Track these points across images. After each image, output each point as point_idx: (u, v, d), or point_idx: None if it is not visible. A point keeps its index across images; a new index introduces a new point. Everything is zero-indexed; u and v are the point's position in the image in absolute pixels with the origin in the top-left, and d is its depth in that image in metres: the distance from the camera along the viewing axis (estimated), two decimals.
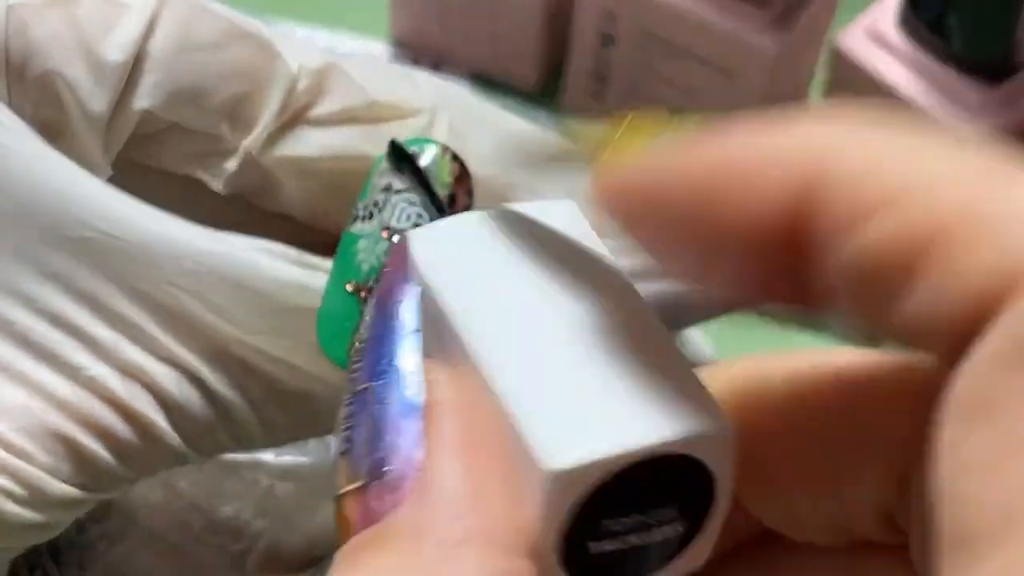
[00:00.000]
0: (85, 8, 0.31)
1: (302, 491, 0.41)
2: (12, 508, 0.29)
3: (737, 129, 0.17)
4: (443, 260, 0.21)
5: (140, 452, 0.31)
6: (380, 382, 0.21)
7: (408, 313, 0.21)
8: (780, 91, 0.53)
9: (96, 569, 0.39)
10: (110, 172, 0.32)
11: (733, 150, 0.17)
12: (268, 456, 0.42)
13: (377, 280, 0.26)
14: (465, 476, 0.19)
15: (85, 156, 0.31)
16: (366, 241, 0.30)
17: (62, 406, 0.29)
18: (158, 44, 0.31)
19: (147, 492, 0.40)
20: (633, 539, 0.20)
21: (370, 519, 0.20)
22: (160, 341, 0.30)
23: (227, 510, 0.40)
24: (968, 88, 0.49)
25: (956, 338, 0.15)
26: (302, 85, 0.32)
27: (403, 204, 0.30)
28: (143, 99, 0.31)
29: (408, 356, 0.21)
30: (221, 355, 0.31)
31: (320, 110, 0.32)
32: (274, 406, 0.32)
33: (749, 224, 0.17)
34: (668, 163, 0.18)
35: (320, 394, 0.32)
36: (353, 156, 0.32)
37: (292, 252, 0.31)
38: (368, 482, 0.20)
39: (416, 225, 0.29)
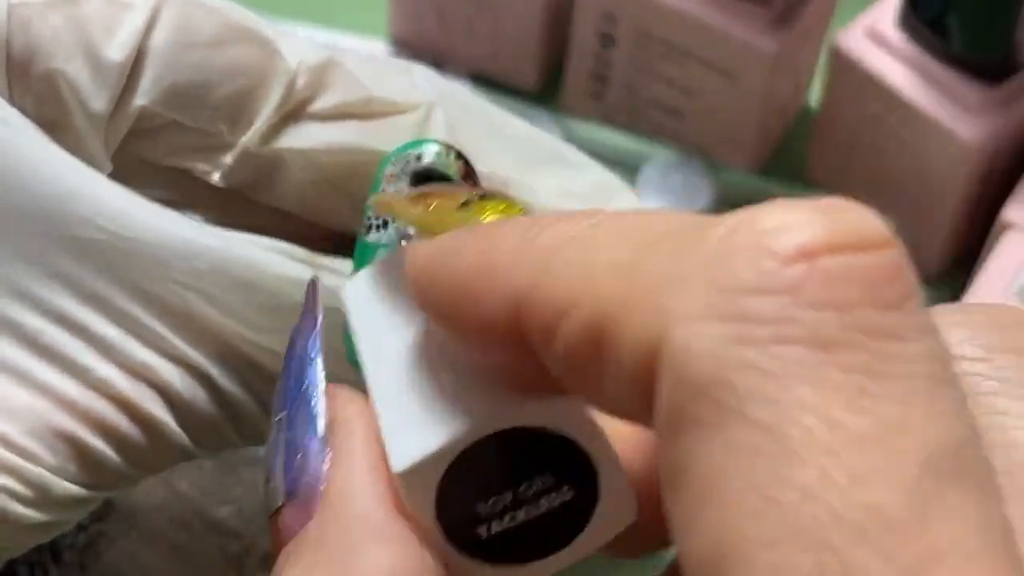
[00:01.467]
0: (87, 7, 0.31)
1: None
2: (18, 509, 0.29)
3: (487, 237, 0.20)
4: (362, 300, 0.24)
5: (147, 451, 0.31)
6: (290, 409, 0.23)
7: (312, 346, 0.24)
8: (779, 92, 0.53)
9: (96, 569, 0.39)
10: (110, 168, 0.32)
11: (477, 257, 0.20)
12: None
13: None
14: (363, 483, 0.21)
15: (86, 153, 0.31)
16: (385, 250, 0.30)
17: (69, 407, 0.30)
18: (158, 41, 0.31)
19: (147, 492, 0.40)
20: (521, 514, 0.21)
21: (291, 535, 0.22)
22: (167, 340, 0.30)
23: (227, 510, 0.40)
24: (968, 88, 0.49)
25: (642, 401, 0.17)
26: (301, 81, 0.32)
27: None
28: (143, 96, 0.31)
29: (314, 383, 0.23)
30: (228, 353, 0.31)
31: (318, 105, 0.32)
32: None
33: (484, 321, 0.19)
34: (441, 259, 0.21)
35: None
36: (351, 150, 0.32)
37: (299, 251, 0.31)
38: (285, 502, 0.22)
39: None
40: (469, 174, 0.31)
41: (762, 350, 0.16)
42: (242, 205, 0.33)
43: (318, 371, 0.23)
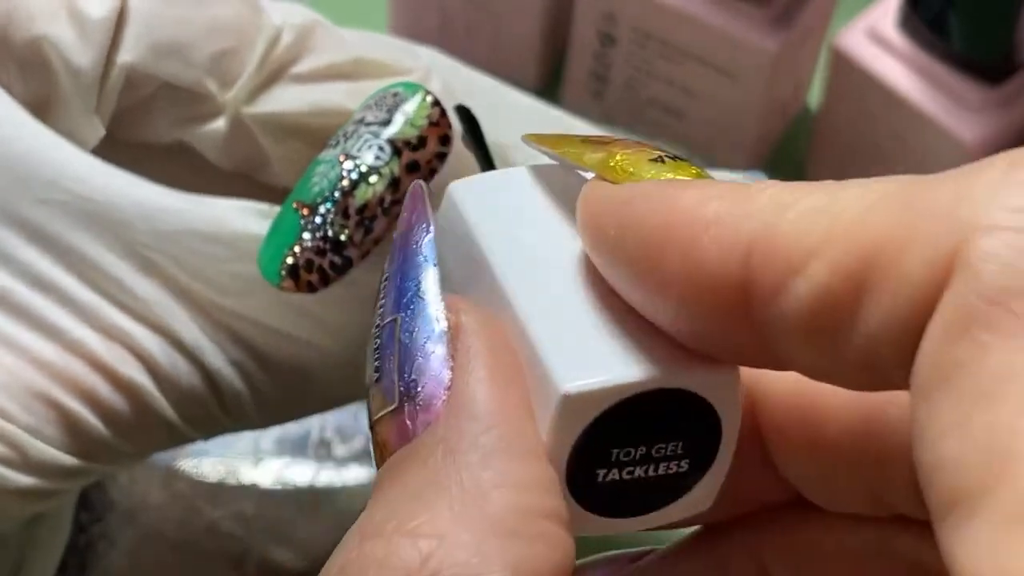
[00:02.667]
0: None
1: (301, 496, 0.41)
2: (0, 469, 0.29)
3: (699, 189, 0.19)
4: (480, 205, 0.23)
5: (132, 421, 0.31)
6: (406, 313, 0.22)
7: (428, 250, 0.23)
8: (780, 91, 0.53)
9: (96, 569, 0.39)
10: (103, 132, 0.32)
11: (694, 209, 0.19)
12: (266, 460, 0.42)
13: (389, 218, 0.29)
14: (492, 394, 0.21)
15: (75, 118, 0.32)
16: (324, 166, 0.30)
17: (43, 367, 0.30)
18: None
19: (147, 492, 0.40)
20: (639, 471, 0.21)
21: (405, 439, 0.21)
22: (142, 304, 0.30)
23: (227, 511, 0.40)
24: (968, 88, 0.49)
25: (912, 334, 0.17)
26: (285, 40, 0.32)
27: (368, 136, 0.30)
28: (127, 53, 0.31)
29: (431, 288, 0.22)
30: (204, 320, 0.31)
31: (304, 66, 0.32)
32: (262, 374, 0.32)
33: (698, 276, 0.19)
34: (644, 203, 0.20)
35: (308, 364, 0.32)
36: (339, 112, 0.32)
37: (263, 206, 0.31)
38: (400, 404, 0.21)
39: (377, 157, 0.30)
40: (439, 123, 0.30)
41: None
42: (244, 188, 0.33)
43: (434, 275, 0.22)
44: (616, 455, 0.21)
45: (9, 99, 0.31)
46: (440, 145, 0.30)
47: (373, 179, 0.30)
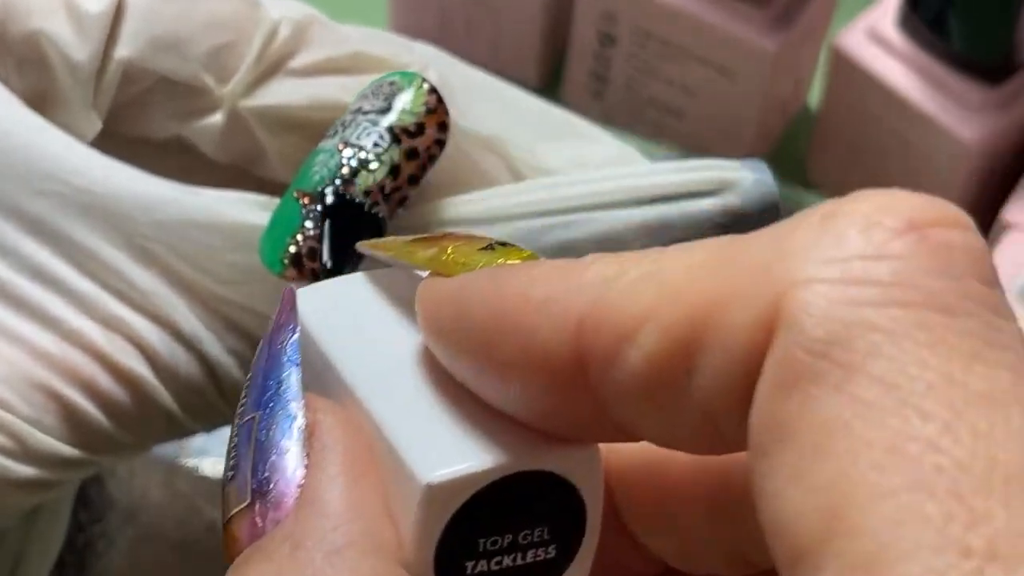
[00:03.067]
0: None
1: None
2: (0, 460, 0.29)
3: (527, 272, 0.20)
4: (324, 313, 0.23)
5: (132, 411, 0.31)
6: (265, 411, 0.22)
7: (292, 352, 0.23)
8: (780, 91, 0.53)
9: (95, 568, 0.39)
10: (100, 126, 0.32)
11: (524, 290, 0.19)
12: None
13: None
14: (344, 491, 0.21)
15: (73, 112, 0.32)
16: (324, 155, 0.30)
17: (43, 357, 0.30)
18: None
19: (147, 491, 0.40)
20: (507, 560, 0.21)
21: (255, 536, 0.21)
22: (141, 295, 0.30)
23: None
24: (968, 88, 0.49)
25: (745, 392, 0.17)
26: (283, 34, 0.32)
27: (366, 124, 0.30)
28: (124, 48, 0.31)
29: (292, 388, 0.22)
30: (203, 310, 0.31)
31: (301, 60, 0.32)
32: None
33: (533, 355, 0.19)
34: (474, 295, 0.20)
35: None
36: (336, 105, 0.32)
37: (262, 198, 0.31)
38: (252, 501, 0.21)
39: (376, 144, 0.30)
40: (436, 110, 0.30)
41: (883, 312, 0.16)
42: (240, 182, 0.33)
43: (295, 374, 0.23)
44: (483, 545, 0.20)
45: (7, 92, 0.31)
46: (438, 132, 0.30)
47: (373, 166, 0.30)
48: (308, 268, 0.29)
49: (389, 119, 0.30)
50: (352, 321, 0.23)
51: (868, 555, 0.15)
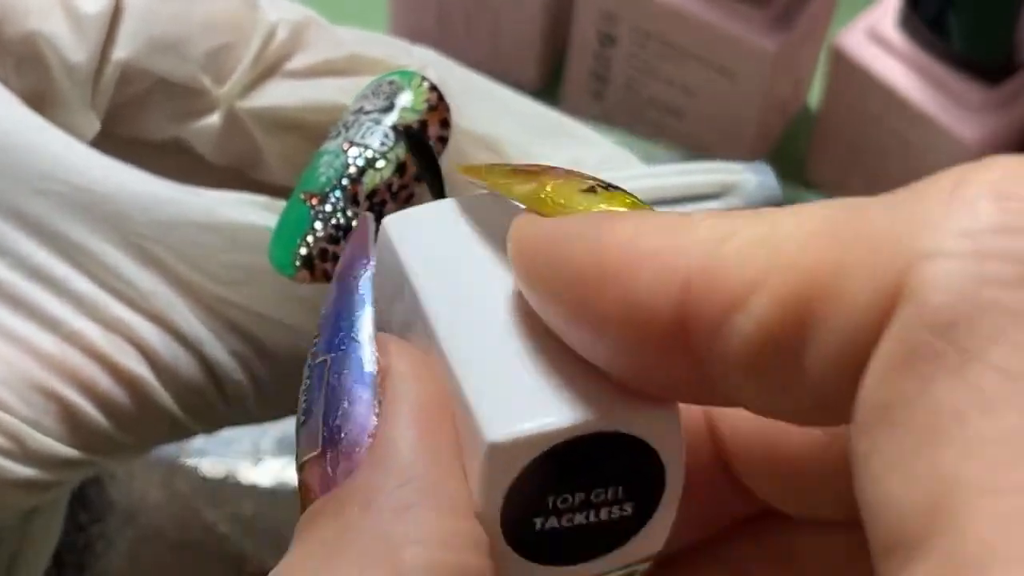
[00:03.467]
0: None
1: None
2: None
3: (633, 221, 0.19)
4: (412, 243, 0.22)
5: (132, 412, 0.30)
6: (336, 354, 0.21)
7: (364, 289, 0.22)
8: (780, 91, 0.53)
9: (95, 569, 0.39)
10: (98, 127, 0.32)
11: (629, 243, 0.18)
12: (266, 460, 0.42)
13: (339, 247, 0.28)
14: (416, 443, 0.20)
15: (71, 113, 0.32)
16: (329, 156, 0.30)
17: (42, 358, 0.30)
18: None
19: (146, 493, 0.40)
20: (579, 518, 0.20)
21: (328, 485, 0.20)
22: (142, 295, 0.30)
23: (226, 512, 0.40)
24: (968, 88, 0.49)
25: (860, 368, 0.16)
26: (280, 36, 0.32)
27: (369, 123, 0.30)
28: (122, 49, 0.31)
29: (364, 329, 0.21)
30: (203, 310, 0.31)
31: (298, 62, 0.32)
32: (262, 364, 0.32)
33: (635, 313, 0.18)
34: (575, 240, 0.19)
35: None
36: (334, 107, 0.32)
37: (260, 198, 0.31)
38: (325, 450, 0.21)
39: (382, 143, 0.30)
40: (438, 107, 0.30)
41: (1014, 292, 0.15)
42: (237, 184, 0.33)
43: (369, 315, 0.22)
44: (553, 502, 0.20)
45: (7, 92, 0.31)
46: (441, 128, 0.30)
47: (380, 164, 0.30)
48: (320, 269, 0.29)
49: (392, 118, 0.30)
50: (442, 251, 0.22)
51: (970, 556, 0.14)
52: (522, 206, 0.21)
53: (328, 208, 0.29)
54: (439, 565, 0.19)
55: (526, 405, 0.19)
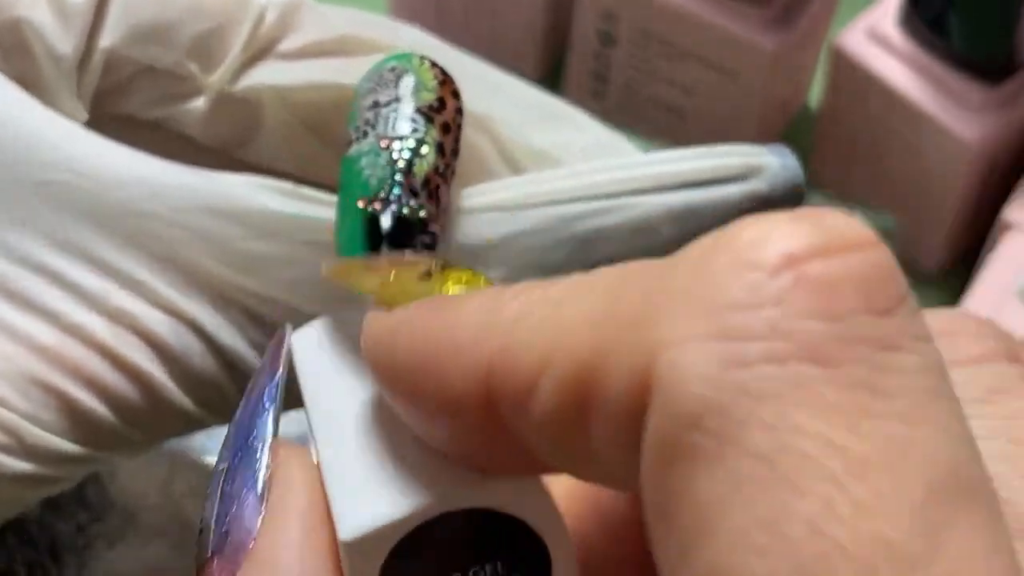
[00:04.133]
0: None
1: None
2: None
3: (454, 309, 0.19)
4: (309, 355, 0.23)
5: (142, 407, 0.30)
6: (235, 460, 0.22)
7: (268, 397, 0.23)
8: (780, 91, 0.53)
9: (96, 569, 0.39)
10: (86, 116, 0.32)
11: (445, 331, 0.19)
12: None
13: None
14: (295, 544, 0.20)
15: (57, 101, 0.31)
16: (368, 157, 0.29)
17: (42, 352, 0.29)
18: None
19: (147, 492, 0.40)
20: None
21: None
22: (150, 285, 0.30)
23: None
24: (968, 88, 0.49)
25: (634, 446, 0.16)
26: (270, 18, 0.32)
27: (392, 115, 0.30)
28: (108, 37, 0.31)
29: (261, 436, 0.22)
30: (218, 301, 0.30)
31: (289, 44, 0.32)
32: None
33: (451, 401, 0.18)
34: (400, 332, 0.19)
35: None
36: (325, 86, 0.31)
37: (287, 185, 0.30)
38: (214, 555, 0.21)
39: (415, 130, 0.29)
40: (447, 81, 0.30)
41: (755, 371, 0.15)
42: (224, 166, 0.33)
43: (269, 423, 0.22)
44: None
45: (7, 80, 0.31)
46: (454, 99, 0.30)
47: (424, 150, 0.29)
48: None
49: (411, 103, 0.30)
50: (328, 363, 0.23)
51: None
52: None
53: (393, 208, 0.29)
54: None
55: (375, 499, 0.20)
